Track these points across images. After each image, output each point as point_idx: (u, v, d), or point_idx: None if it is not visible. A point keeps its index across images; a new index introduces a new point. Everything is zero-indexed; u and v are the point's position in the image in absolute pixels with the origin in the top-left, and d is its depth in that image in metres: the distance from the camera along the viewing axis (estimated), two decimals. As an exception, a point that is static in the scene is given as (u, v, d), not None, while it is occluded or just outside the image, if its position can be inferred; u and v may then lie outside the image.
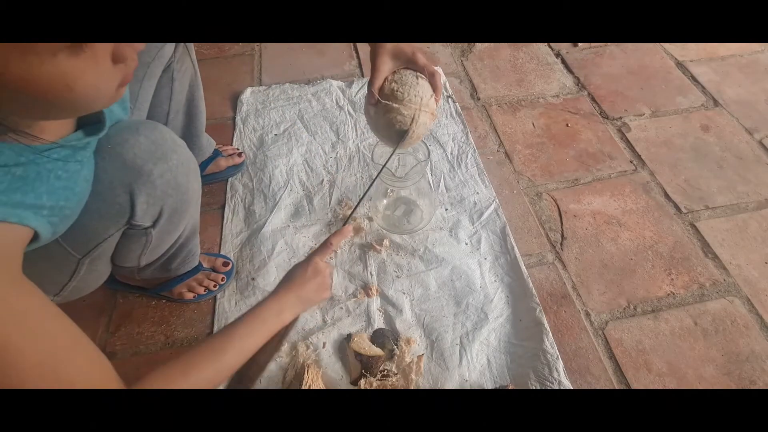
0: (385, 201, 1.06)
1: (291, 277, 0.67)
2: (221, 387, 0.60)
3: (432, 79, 0.75)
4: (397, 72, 0.76)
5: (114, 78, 0.44)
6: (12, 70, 0.36)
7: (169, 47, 0.86)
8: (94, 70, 0.41)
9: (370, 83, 0.75)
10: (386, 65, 0.74)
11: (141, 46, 0.45)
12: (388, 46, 0.74)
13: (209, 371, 0.55)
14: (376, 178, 0.80)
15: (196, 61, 0.97)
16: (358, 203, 0.78)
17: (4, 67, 0.36)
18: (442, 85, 0.78)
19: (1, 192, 0.44)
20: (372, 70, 0.75)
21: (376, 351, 0.85)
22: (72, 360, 0.45)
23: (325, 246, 0.70)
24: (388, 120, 0.76)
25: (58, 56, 0.38)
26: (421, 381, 0.84)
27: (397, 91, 0.74)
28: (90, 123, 0.56)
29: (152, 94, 0.87)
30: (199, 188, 0.74)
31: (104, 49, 0.41)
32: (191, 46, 0.94)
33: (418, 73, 0.75)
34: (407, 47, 0.74)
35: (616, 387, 0.85)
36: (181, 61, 0.91)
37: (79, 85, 0.40)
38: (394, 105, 0.74)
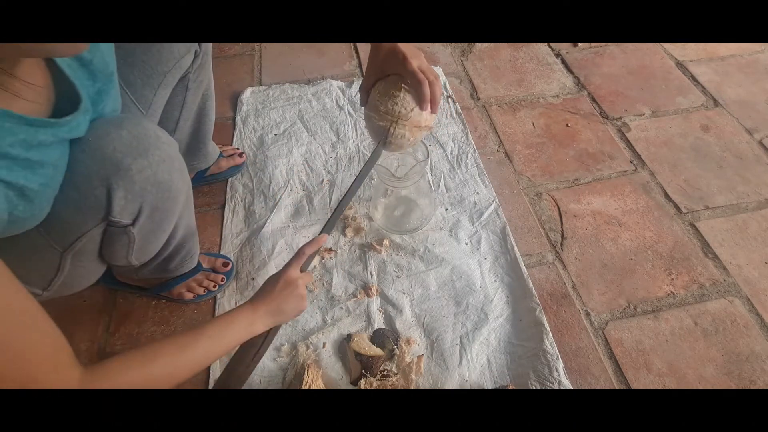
0: (384, 201, 1.06)
1: (264, 289, 0.69)
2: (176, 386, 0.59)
3: (418, 88, 0.71)
4: (386, 81, 0.73)
5: None
6: None
7: (188, 58, 0.86)
8: None
9: (360, 86, 0.74)
10: (376, 68, 0.73)
11: None
12: (384, 48, 0.72)
13: (169, 365, 0.56)
14: (356, 179, 0.76)
15: (211, 73, 0.97)
16: (342, 203, 0.75)
17: None
18: (434, 95, 0.72)
19: None
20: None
21: (376, 351, 0.85)
22: (26, 335, 0.45)
23: (297, 255, 0.71)
24: (370, 128, 0.76)
25: None
26: (421, 381, 0.85)
27: (377, 101, 0.73)
28: (66, 109, 0.55)
29: (165, 102, 0.87)
30: (186, 187, 0.73)
31: None
32: (209, 57, 0.94)
33: (404, 84, 0.72)
34: (401, 50, 0.70)
35: (616, 387, 0.85)
36: (198, 72, 0.91)
37: None
38: (371, 114, 0.73)
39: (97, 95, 0.61)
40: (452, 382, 0.84)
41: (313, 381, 0.81)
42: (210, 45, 0.93)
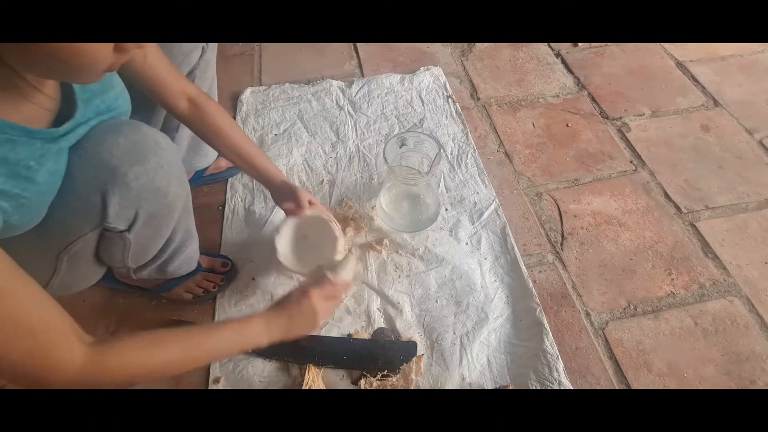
0: (388, 198, 1.06)
1: (281, 304, 0.68)
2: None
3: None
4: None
5: (107, 61, 0.47)
6: None
7: (195, 54, 0.86)
8: (100, 47, 0.45)
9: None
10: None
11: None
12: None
13: (172, 355, 0.56)
14: None
15: (215, 72, 0.98)
16: None
17: None
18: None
19: None
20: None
21: None
22: (35, 313, 0.46)
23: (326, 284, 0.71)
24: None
25: None
26: (421, 381, 0.85)
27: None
28: (64, 119, 0.56)
29: None
30: (184, 193, 0.72)
31: None
32: (215, 54, 0.95)
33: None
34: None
35: (616, 387, 0.85)
36: (204, 69, 0.91)
37: (83, 53, 0.44)
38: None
39: (89, 94, 0.61)
40: (452, 382, 0.84)
41: (313, 381, 0.81)
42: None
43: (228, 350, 0.62)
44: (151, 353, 0.54)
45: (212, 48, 0.92)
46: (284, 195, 0.87)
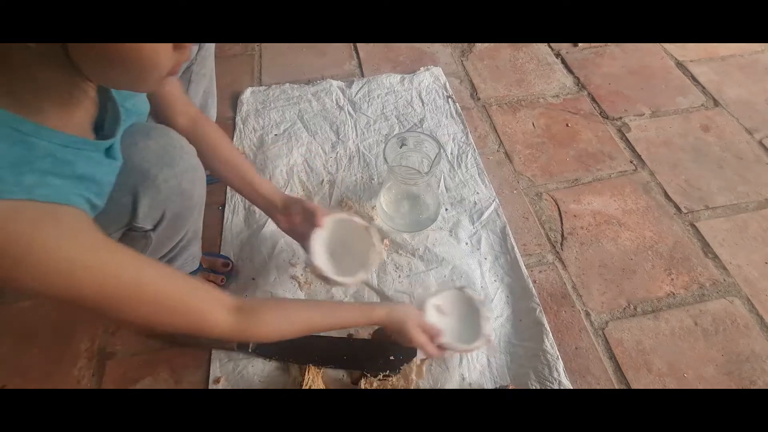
0: (388, 198, 1.06)
1: (407, 314, 0.75)
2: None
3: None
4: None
5: (169, 62, 0.45)
6: None
7: (193, 48, 0.86)
8: (161, 46, 0.43)
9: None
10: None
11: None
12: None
13: (312, 323, 0.67)
14: None
15: (214, 68, 0.98)
16: None
17: None
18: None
19: (73, 185, 0.48)
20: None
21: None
22: (187, 289, 0.54)
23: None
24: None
25: None
26: (421, 381, 0.84)
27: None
28: (103, 122, 0.57)
29: None
30: (203, 195, 0.75)
31: None
32: (212, 49, 0.95)
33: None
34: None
35: (616, 387, 0.85)
36: (201, 65, 0.92)
37: (146, 50, 0.42)
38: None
39: (122, 97, 0.61)
40: (452, 382, 0.84)
41: (313, 381, 0.81)
42: None
43: (347, 324, 0.72)
44: (288, 321, 0.63)
45: (209, 44, 0.92)
46: (293, 211, 0.81)
